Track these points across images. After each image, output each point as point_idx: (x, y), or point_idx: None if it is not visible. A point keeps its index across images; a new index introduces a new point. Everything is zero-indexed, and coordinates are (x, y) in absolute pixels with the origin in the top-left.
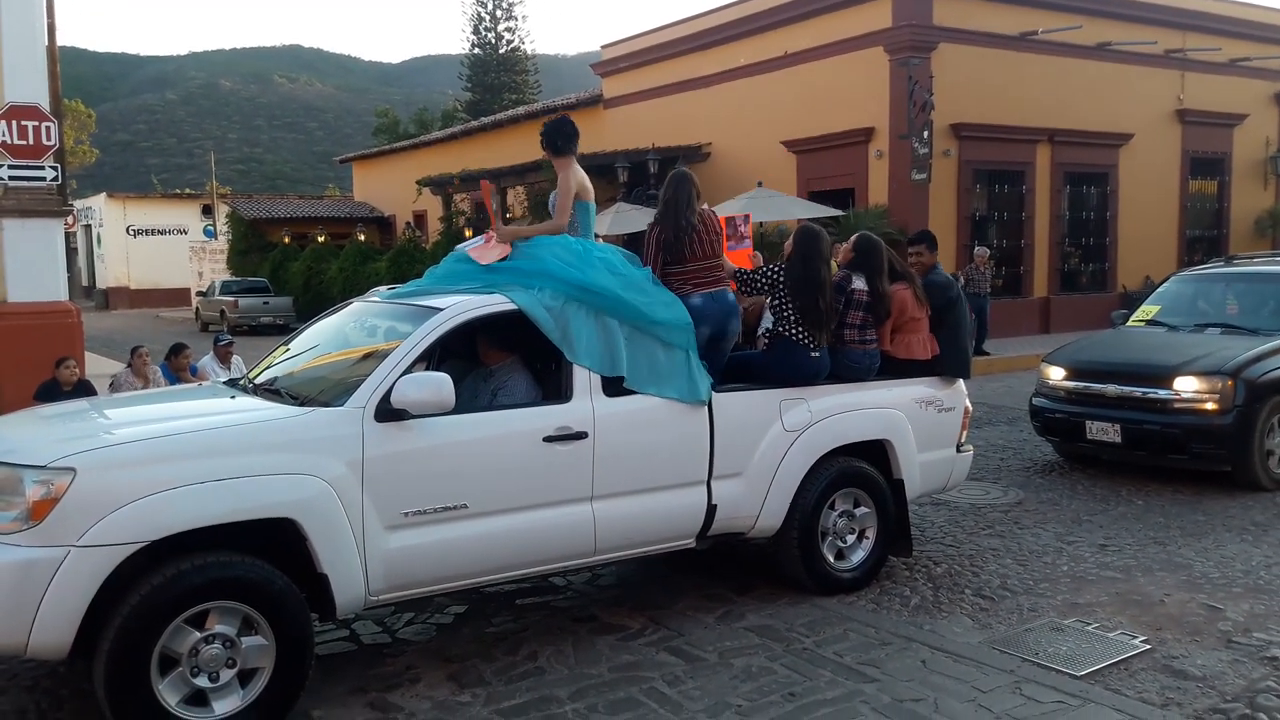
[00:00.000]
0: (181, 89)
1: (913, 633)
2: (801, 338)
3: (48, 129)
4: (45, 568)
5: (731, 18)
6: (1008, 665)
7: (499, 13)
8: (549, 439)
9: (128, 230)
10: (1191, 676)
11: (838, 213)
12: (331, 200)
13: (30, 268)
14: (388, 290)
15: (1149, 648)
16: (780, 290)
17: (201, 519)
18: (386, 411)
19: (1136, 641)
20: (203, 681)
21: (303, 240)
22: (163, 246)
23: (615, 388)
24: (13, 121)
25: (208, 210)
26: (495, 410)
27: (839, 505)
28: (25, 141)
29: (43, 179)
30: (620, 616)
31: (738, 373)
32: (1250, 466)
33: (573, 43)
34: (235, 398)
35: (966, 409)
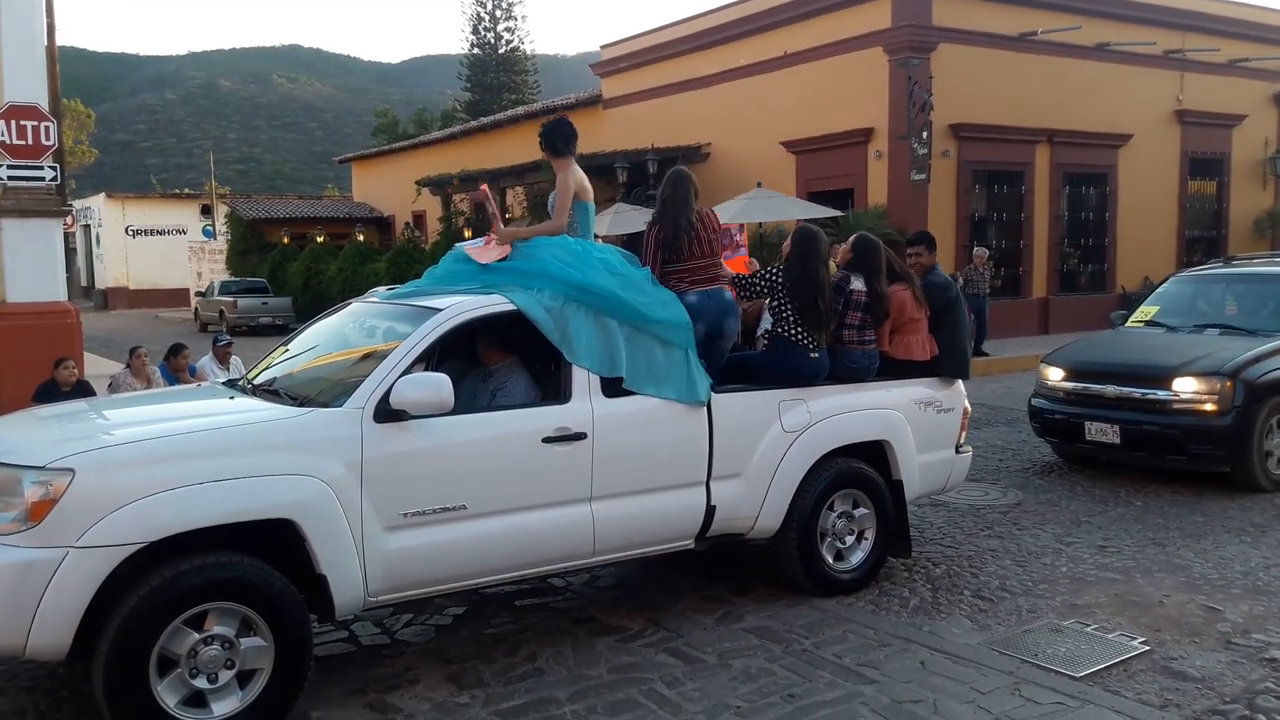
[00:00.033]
0: (181, 89)
1: (912, 634)
2: (801, 338)
3: (47, 129)
4: (44, 568)
5: (731, 18)
6: (1007, 666)
7: (498, 13)
8: (548, 440)
9: (127, 230)
10: (1190, 678)
11: (837, 213)
12: (330, 200)
13: (29, 268)
14: (387, 291)
15: (1148, 649)
16: (779, 292)
17: (200, 520)
18: (385, 412)
19: (1135, 643)
20: (201, 682)
21: (302, 240)
22: (162, 247)
23: (614, 388)
24: (12, 121)
25: (207, 210)
26: (494, 411)
27: (838, 506)
28: (24, 141)
29: (42, 179)
30: (619, 618)
31: (737, 373)
32: (1249, 467)
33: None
34: (234, 398)
35: (965, 410)
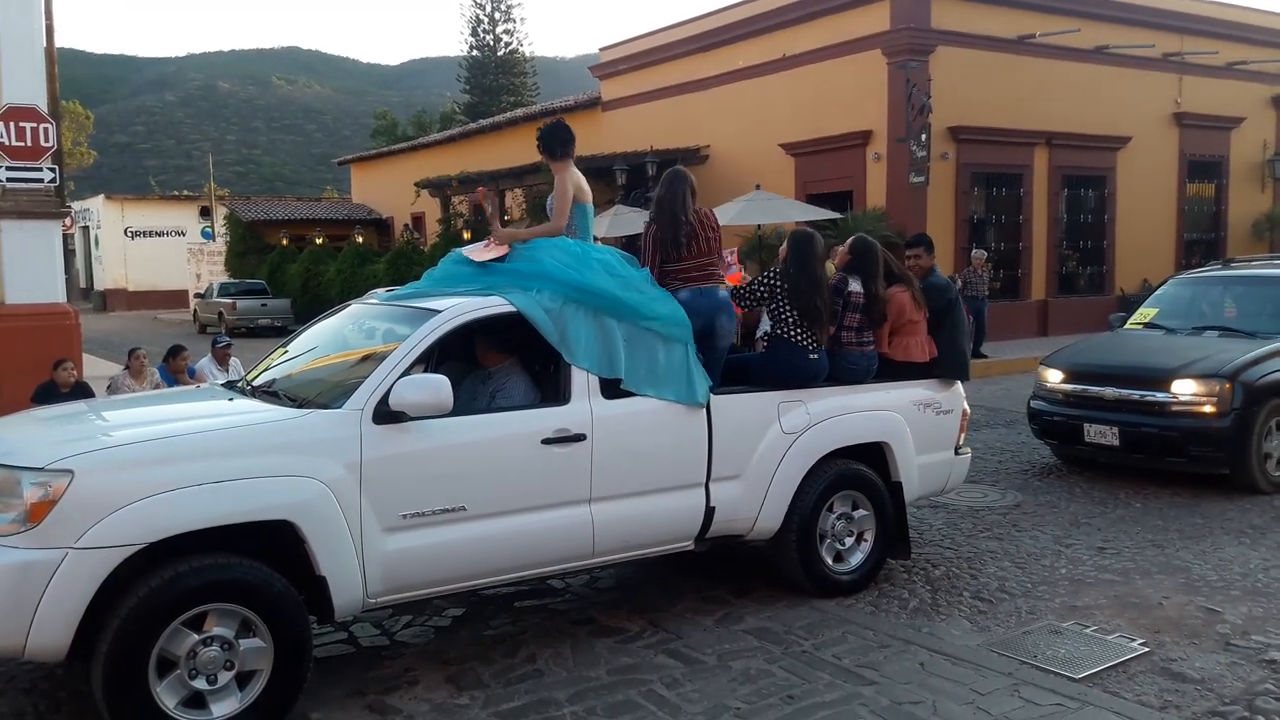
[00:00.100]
0: (180, 91)
1: (911, 635)
2: (800, 339)
3: (46, 130)
4: (43, 569)
5: (730, 20)
6: (1006, 668)
7: (497, 15)
8: (547, 441)
9: (125, 232)
10: (1190, 679)
11: (836, 215)
12: (329, 202)
13: (28, 269)
14: (386, 292)
15: (1147, 650)
16: (778, 294)
17: (199, 521)
18: (385, 413)
19: (1135, 644)
20: (201, 684)
21: (301, 242)
22: (161, 248)
23: (614, 390)
24: (11, 123)
25: (206, 212)
26: (493, 412)
27: (837, 508)
28: (23, 143)
29: (40, 180)
30: (619, 619)
31: (736, 375)
32: (1248, 469)
33: (571, 45)
34: (233, 400)
35: (964, 411)
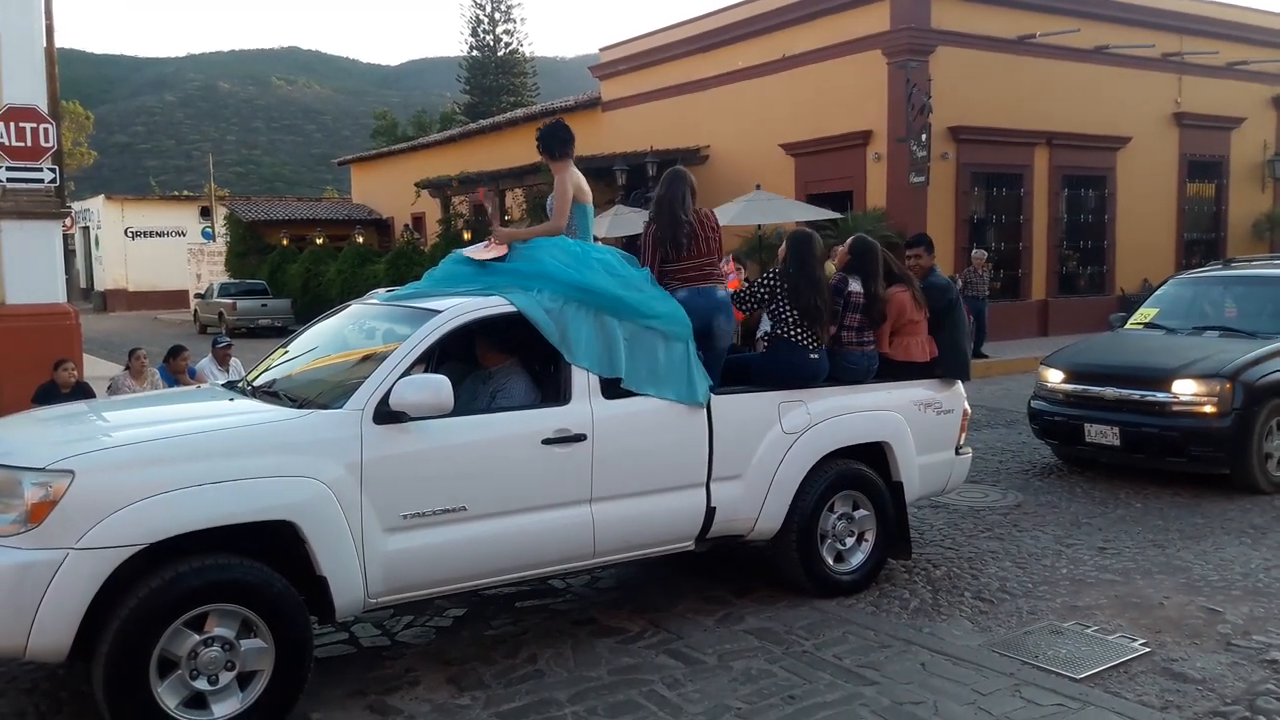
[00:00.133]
0: (180, 91)
1: (912, 635)
2: (800, 339)
3: (46, 131)
4: (44, 570)
5: (730, 21)
6: (1007, 668)
7: (497, 15)
8: (548, 441)
9: (126, 232)
10: (1191, 679)
11: (836, 215)
12: (330, 202)
13: (28, 270)
14: (386, 292)
15: (1148, 650)
16: (778, 294)
17: (200, 521)
18: (385, 414)
19: (1136, 644)
20: (202, 684)
21: (301, 242)
22: (161, 248)
23: (614, 390)
24: (11, 123)
25: (206, 212)
26: (494, 412)
27: (838, 508)
28: (23, 143)
29: (41, 181)
30: (620, 619)
31: (737, 375)
32: (1249, 469)
33: (571, 45)
34: (234, 400)
35: (965, 411)
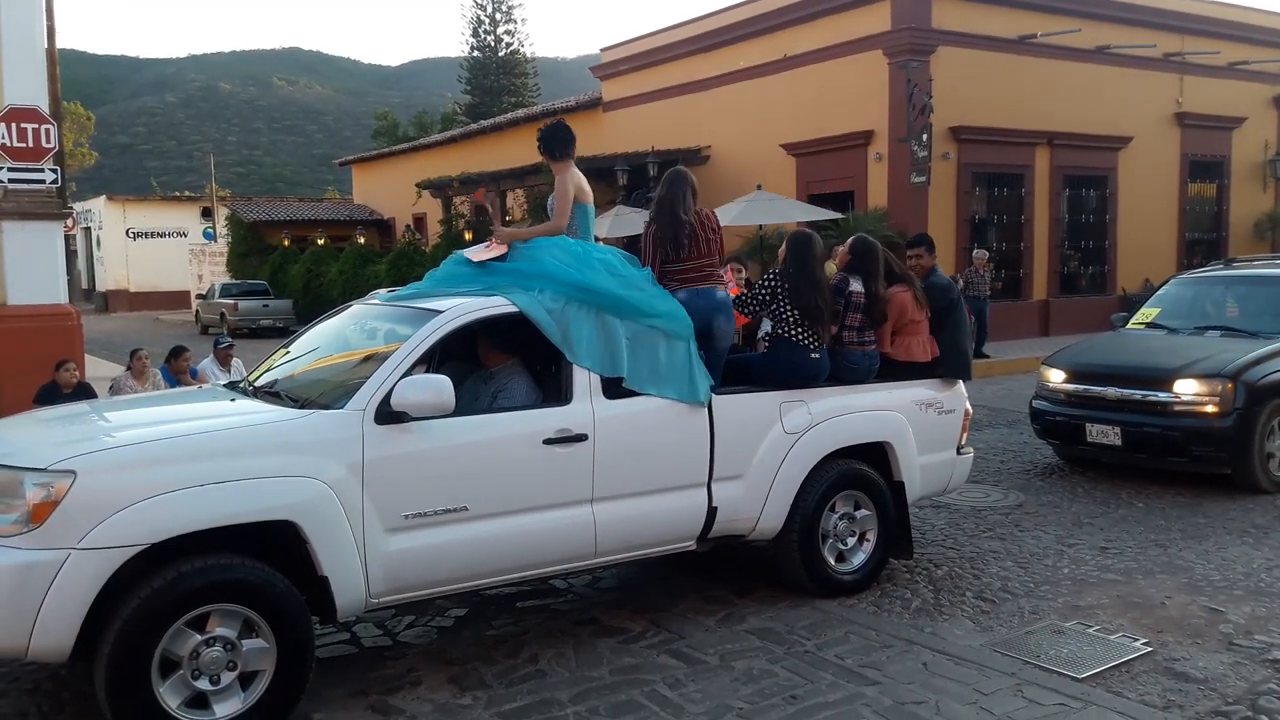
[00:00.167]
0: (181, 92)
1: (914, 635)
2: (802, 338)
3: (47, 131)
4: (46, 570)
5: (731, 21)
6: (1009, 668)
7: (498, 15)
8: (549, 441)
9: (127, 233)
10: (1193, 679)
11: (837, 216)
12: (331, 203)
13: (30, 270)
14: (387, 293)
15: (1150, 650)
16: (779, 295)
17: (202, 522)
18: (386, 414)
19: (1138, 644)
20: (204, 684)
21: (302, 243)
22: (162, 249)
23: (615, 390)
24: (12, 124)
25: (207, 213)
26: (495, 412)
27: (839, 508)
28: (25, 144)
29: (42, 181)
30: (621, 619)
31: (738, 375)
32: (1250, 469)
33: (572, 45)
34: (235, 400)
35: (967, 411)
